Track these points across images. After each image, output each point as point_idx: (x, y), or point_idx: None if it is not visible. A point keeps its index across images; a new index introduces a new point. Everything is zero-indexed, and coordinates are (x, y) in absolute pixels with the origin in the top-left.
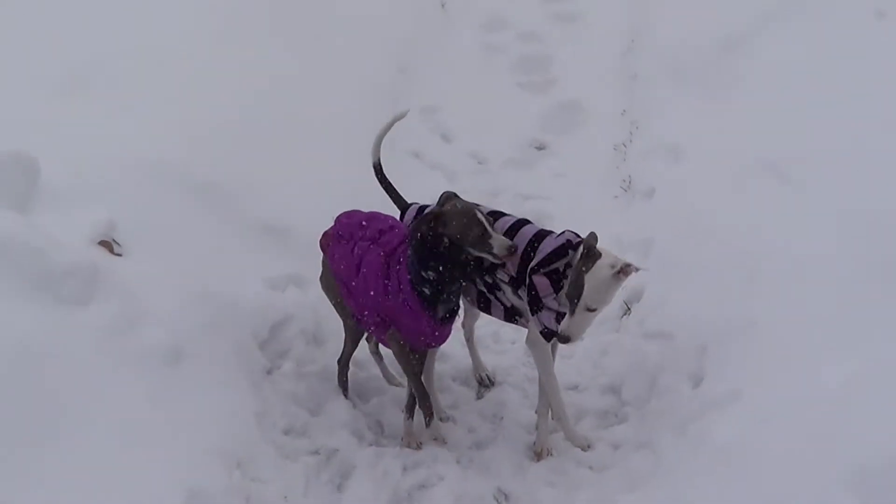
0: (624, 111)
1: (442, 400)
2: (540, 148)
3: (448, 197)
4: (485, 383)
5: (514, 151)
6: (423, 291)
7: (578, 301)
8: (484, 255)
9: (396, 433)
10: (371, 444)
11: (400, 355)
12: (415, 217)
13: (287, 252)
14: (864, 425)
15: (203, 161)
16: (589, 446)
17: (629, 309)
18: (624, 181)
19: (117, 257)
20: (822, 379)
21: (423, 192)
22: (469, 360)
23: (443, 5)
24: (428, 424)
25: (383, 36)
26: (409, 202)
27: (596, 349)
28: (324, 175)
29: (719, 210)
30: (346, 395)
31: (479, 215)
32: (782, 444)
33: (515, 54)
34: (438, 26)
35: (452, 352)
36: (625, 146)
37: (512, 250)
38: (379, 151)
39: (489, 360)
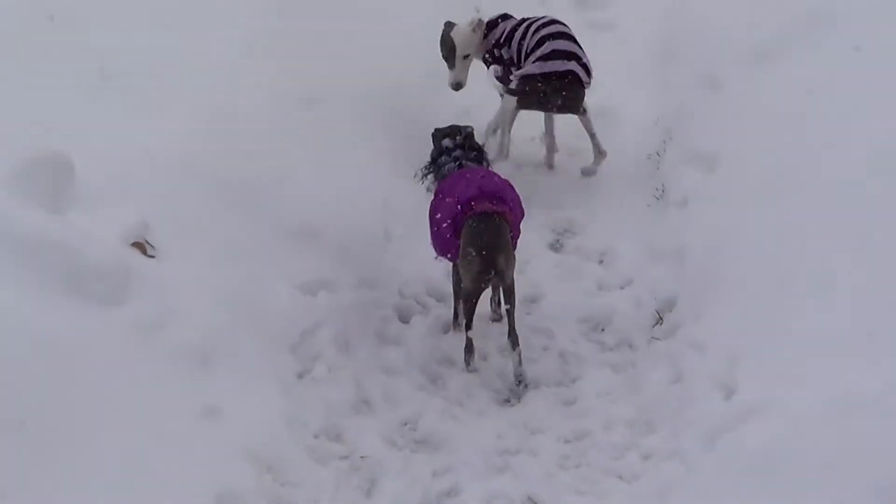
0: (657, 120)
1: (469, 406)
2: (573, 154)
3: None
4: None
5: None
6: None
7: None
8: None
9: (427, 439)
10: (401, 449)
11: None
12: None
13: (319, 256)
14: None
15: (237, 163)
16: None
17: (661, 318)
18: (657, 190)
19: (150, 259)
20: (855, 388)
21: None
22: (502, 369)
23: (477, 10)
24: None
25: (415, 38)
26: None
27: (626, 358)
28: (355, 179)
29: (752, 219)
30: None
31: None
32: (815, 454)
33: None
34: None
35: (479, 362)
36: (658, 155)
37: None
38: None
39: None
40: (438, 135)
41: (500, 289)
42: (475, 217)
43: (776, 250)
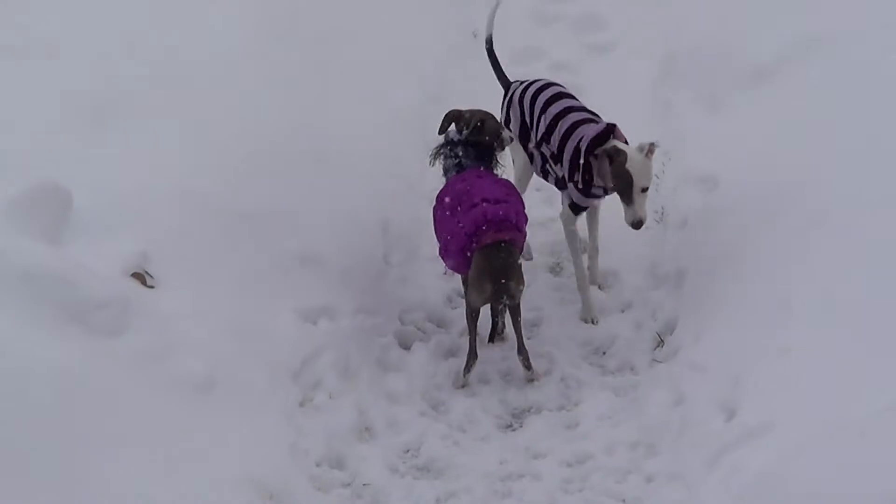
0: (656, 141)
1: (471, 432)
2: None
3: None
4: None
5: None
6: None
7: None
8: None
9: (429, 465)
10: (403, 476)
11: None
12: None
13: (318, 283)
14: None
15: (235, 191)
16: (594, 321)
17: (662, 341)
18: (657, 212)
19: (150, 289)
20: (857, 408)
21: None
22: (504, 394)
23: (474, 35)
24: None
25: (414, 66)
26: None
27: (628, 381)
28: (355, 206)
29: (751, 240)
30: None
31: None
32: (817, 475)
33: None
34: (470, 56)
35: (480, 387)
36: (657, 177)
37: None
38: (492, 27)
39: (521, 393)
40: (449, 116)
41: (508, 308)
42: (485, 248)
43: (776, 271)
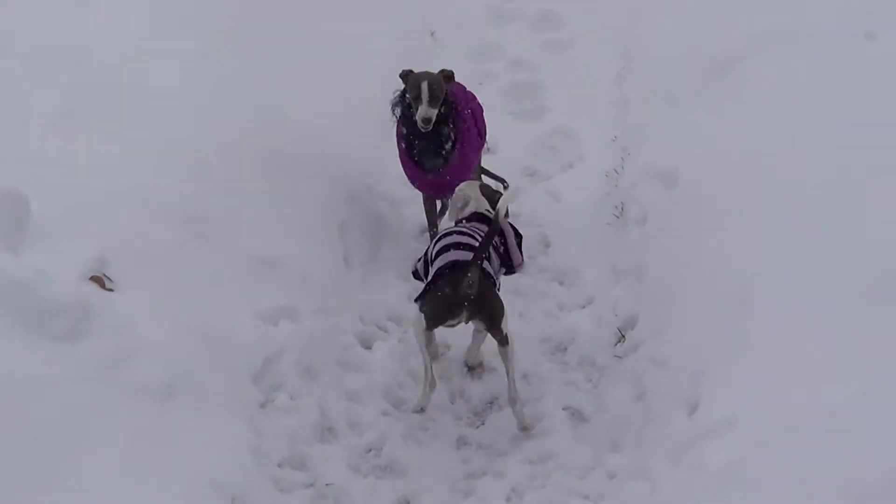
0: (615, 137)
1: (434, 430)
2: (531, 175)
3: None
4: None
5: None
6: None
7: None
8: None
9: (391, 464)
10: (366, 476)
11: None
12: None
13: (279, 285)
14: (861, 447)
15: (193, 194)
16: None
17: (623, 336)
18: (616, 208)
19: (109, 292)
20: (818, 401)
21: (416, 215)
22: (467, 392)
23: (432, 34)
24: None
25: (372, 67)
26: None
27: (589, 377)
28: (314, 207)
29: (711, 235)
30: None
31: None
32: (779, 469)
33: (506, 82)
34: (428, 55)
35: (442, 385)
36: (616, 172)
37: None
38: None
39: (482, 391)
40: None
41: None
42: None
43: (736, 265)
